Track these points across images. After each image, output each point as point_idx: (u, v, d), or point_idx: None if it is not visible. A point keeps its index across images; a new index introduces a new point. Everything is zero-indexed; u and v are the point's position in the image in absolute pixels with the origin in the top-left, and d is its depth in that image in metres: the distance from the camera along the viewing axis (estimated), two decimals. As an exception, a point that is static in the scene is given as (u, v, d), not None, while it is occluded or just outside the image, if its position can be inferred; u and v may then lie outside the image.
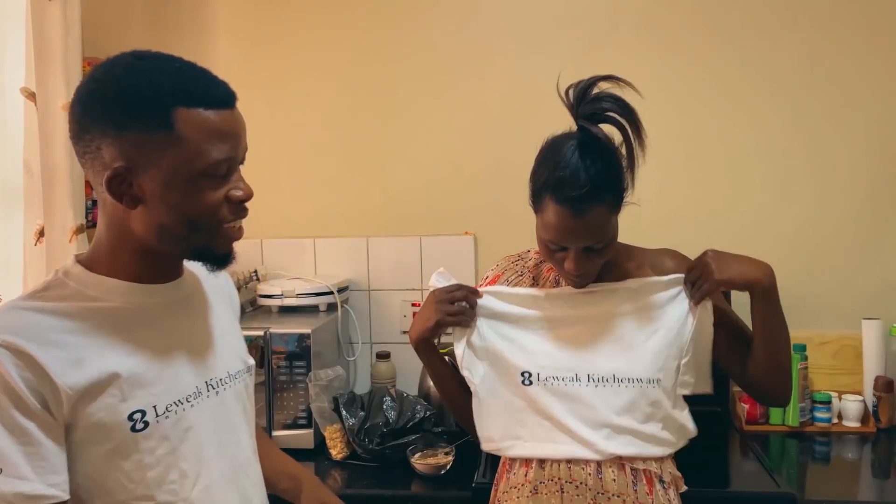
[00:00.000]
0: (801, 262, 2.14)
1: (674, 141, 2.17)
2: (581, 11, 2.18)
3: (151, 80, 0.89)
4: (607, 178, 1.19)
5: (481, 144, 2.23)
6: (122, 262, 0.95)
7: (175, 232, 0.93)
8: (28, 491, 0.83)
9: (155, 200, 0.90)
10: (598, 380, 1.26)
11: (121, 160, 0.89)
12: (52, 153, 1.99)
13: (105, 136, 0.89)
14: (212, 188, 0.92)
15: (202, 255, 0.97)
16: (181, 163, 0.89)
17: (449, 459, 1.76)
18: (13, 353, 0.84)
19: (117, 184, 0.89)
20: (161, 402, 0.94)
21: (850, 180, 2.12)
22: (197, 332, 1.04)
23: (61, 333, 0.88)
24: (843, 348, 2.12)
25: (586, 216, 1.18)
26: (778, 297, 1.25)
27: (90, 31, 2.16)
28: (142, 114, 0.88)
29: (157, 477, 0.93)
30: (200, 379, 1.00)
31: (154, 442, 0.92)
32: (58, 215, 2.02)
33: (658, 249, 1.39)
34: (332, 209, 2.31)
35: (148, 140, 0.88)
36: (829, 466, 1.88)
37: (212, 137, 0.90)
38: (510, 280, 1.42)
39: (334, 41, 2.27)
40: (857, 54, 2.09)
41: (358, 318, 2.28)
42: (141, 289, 0.97)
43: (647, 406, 1.24)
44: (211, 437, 1.00)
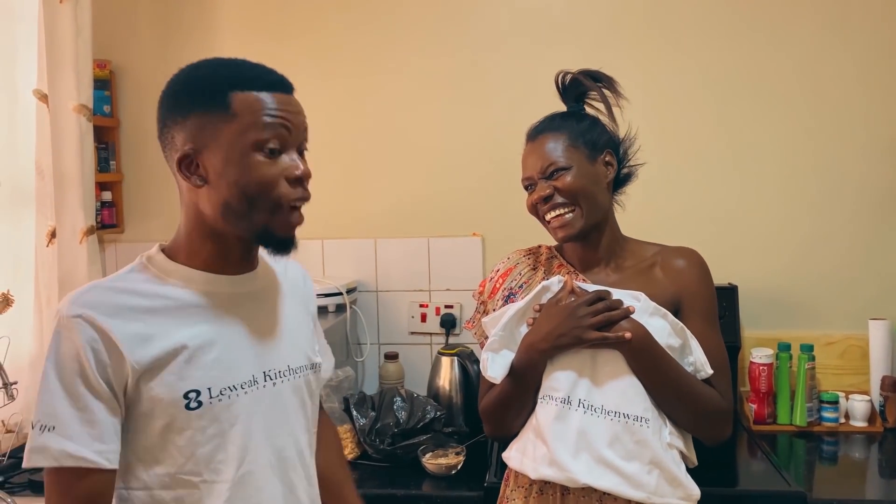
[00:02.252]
0: (808, 263, 2.15)
1: (680, 142, 2.18)
2: (586, 14, 2.19)
3: (211, 71, 1.00)
4: (567, 121, 1.36)
5: (488, 146, 2.24)
6: (196, 250, 1.02)
7: (237, 208, 0.98)
8: (73, 451, 0.90)
9: (218, 178, 0.97)
10: (587, 407, 1.25)
11: (188, 143, 0.97)
12: (64, 155, 2.01)
13: (175, 124, 0.98)
14: (266, 164, 0.98)
15: (263, 236, 1.01)
16: (235, 137, 0.96)
17: (460, 459, 1.77)
18: (89, 325, 0.92)
19: (186, 165, 0.98)
20: (216, 385, 0.98)
21: (857, 181, 2.13)
22: (262, 324, 1.07)
23: (135, 312, 0.95)
24: (849, 348, 2.13)
25: (538, 139, 1.35)
26: (650, 355, 1.24)
27: (100, 33, 2.18)
28: (202, 98, 0.97)
29: (206, 455, 0.98)
30: (258, 368, 1.04)
31: (205, 422, 0.97)
32: (68, 217, 2.04)
33: (675, 248, 1.39)
34: (341, 210, 2.32)
35: (208, 120, 0.96)
36: (837, 466, 1.89)
37: (265, 115, 0.97)
38: (522, 273, 1.43)
39: (340, 43, 2.28)
40: (868, 55, 2.10)
41: (366, 319, 2.29)
42: (213, 278, 1.03)
43: (631, 443, 1.22)
44: (261, 425, 1.03)
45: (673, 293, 1.34)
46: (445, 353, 2.08)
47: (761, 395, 2.03)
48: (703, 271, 1.36)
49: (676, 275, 1.35)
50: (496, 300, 1.42)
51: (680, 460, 1.27)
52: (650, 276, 1.36)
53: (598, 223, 1.35)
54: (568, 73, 1.41)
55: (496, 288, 1.43)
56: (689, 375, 1.28)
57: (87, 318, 0.92)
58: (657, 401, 1.26)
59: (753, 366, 2.05)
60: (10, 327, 1.82)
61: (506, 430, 1.36)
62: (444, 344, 2.21)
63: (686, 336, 1.29)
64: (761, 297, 2.15)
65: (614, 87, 1.38)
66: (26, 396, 1.82)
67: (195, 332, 0.98)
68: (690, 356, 1.29)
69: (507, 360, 1.31)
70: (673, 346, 1.28)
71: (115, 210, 2.36)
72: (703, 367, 1.29)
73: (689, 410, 1.28)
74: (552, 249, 1.45)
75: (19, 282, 1.94)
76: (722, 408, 1.30)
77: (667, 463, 1.23)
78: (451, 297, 2.28)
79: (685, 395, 1.27)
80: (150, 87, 2.42)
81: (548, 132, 1.35)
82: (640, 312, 1.27)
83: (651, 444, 1.23)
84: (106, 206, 2.32)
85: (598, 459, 1.22)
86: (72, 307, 0.93)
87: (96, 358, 0.91)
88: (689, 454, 1.30)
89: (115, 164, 2.36)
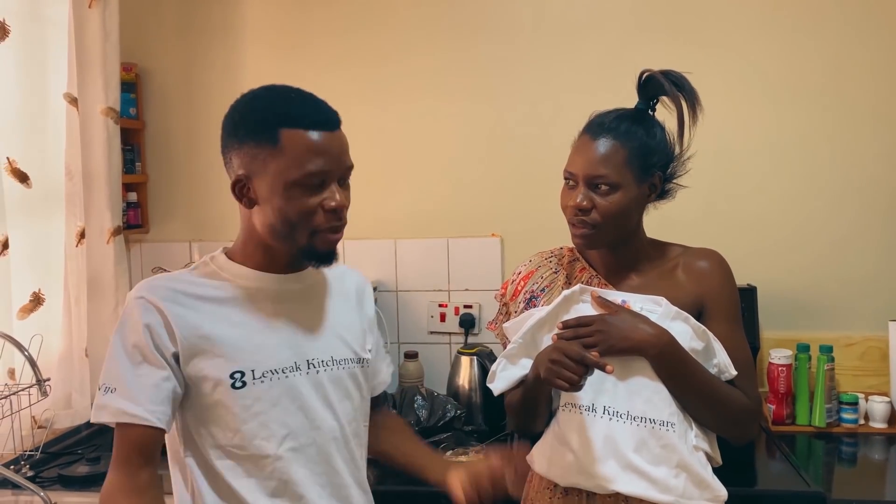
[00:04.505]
0: (828, 264, 2.16)
1: (701, 143, 2.17)
2: (606, 16, 2.21)
3: (266, 105, 1.10)
4: (635, 130, 1.30)
5: (508, 147, 2.26)
6: (250, 252, 1.16)
7: (280, 231, 1.10)
8: (129, 409, 1.04)
9: (265, 203, 1.09)
10: (612, 413, 1.27)
11: (242, 168, 1.09)
12: (92, 157, 2.06)
13: (233, 149, 1.11)
14: (306, 196, 1.08)
15: (306, 253, 1.13)
16: (281, 172, 1.07)
17: (479, 458, 1.79)
18: (148, 303, 1.07)
19: (239, 188, 1.11)
20: (259, 368, 1.11)
21: (877, 182, 2.13)
22: (306, 316, 1.18)
23: (189, 298, 1.10)
24: (869, 350, 2.13)
25: (598, 139, 1.29)
26: (676, 360, 1.25)
27: (127, 36, 2.23)
28: (255, 131, 1.08)
29: (251, 431, 1.09)
30: (301, 356, 1.15)
31: (250, 400, 1.09)
32: (96, 217, 2.09)
33: (697, 249, 1.39)
34: (361, 212, 2.32)
35: (259, 152, 1.08)
36: (856, 467, 1.90)
37: (309, 153, 1.07)
38: (544, 277, 1.44)
39: (359, 48, 2.31)
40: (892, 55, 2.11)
41: (386, 319, 2.31)
42: (263, 276, 1.15)
43: (657, 447, 1.25)
44: (302, 407, 1.13)
45: (696, 295, 1.35)
46: (465, 353, 2.10)
47: (780, 395, 2.04)
48: (726, 272, 1.37)
49: (699, 277, 1.36)
50: (518, 303, 1.44)
51: (706, 462, 1.29)
52: (673, 278, 1.37)
53: (623, 239, 1.35)
54: (649, 71, 1.36)
55: (518, 290, 1.45)
56: (714, 378, 1.30)
57: (147, 299, 1.07)
58: (683, 404, 1.28)
59: (772, 366, 2.05)
60: (40, 326, 1.87)
61: (528, 429, 1.40)
62: (462, 343, 2.24)
63: (709, 339, 1.31)
64: (781, 298, 2.15)
65: (695, 99, 1.33)
66: (56, 394, 1.86)
67: (241, 320, 1.12)
68: (714, 358, 1.31)
69: (512, 374, 1.35)
70: (696, 350, 1.29)
71: (141, 210, 2.40)
72: (727, 369, 1.31)
73: (716, 412, 1.30)
74: (574, 252, 1.46)
75: (50, 281, 1.98)
76: (748, 408, 1.32)
77: (693, 466, 1.25)
78: (470, 297, 2.30)
79: (711, 397, 1.28)
80: (175, 90, 2.49)
81: (610, 136, 1.30)
82: (662, 317, 1.29)
83: (677, 448, 1.25)
84: (132, 207, 2.36)
85: (626, 465, 1.24)
86: (138, 290, 1.09)
87: (152, 333, 1.06)
88: (714, 454, 1.32)
89: (141, 165, 2.40)
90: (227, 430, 1.09)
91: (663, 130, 1.35)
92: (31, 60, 1.92)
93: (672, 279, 1.36)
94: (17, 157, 1.84)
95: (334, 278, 1.26)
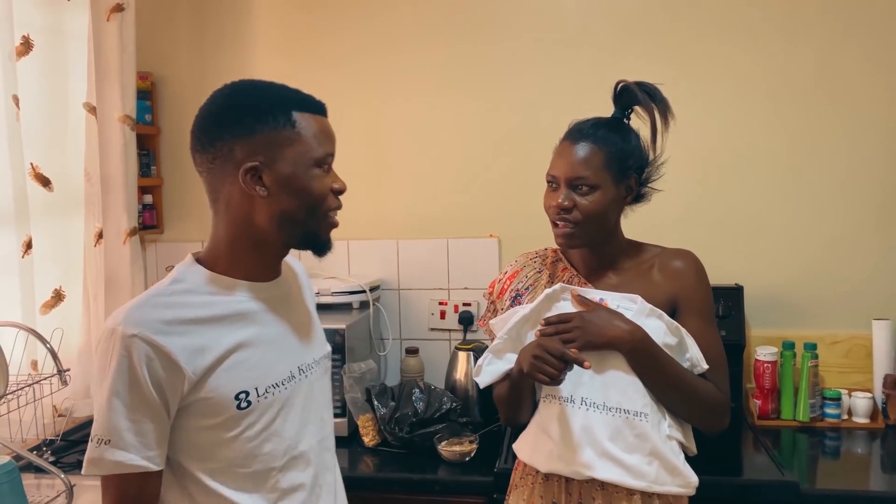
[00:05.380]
0: (815, 265, 2.22)
1: (689, 146, 2.26)
2: (599, 24, 2.29)
3: (272, 92, 1.11)
4: (611, 136, 1.39)
5: (505, 151, 2.35)
6: (239, 259, 1.12)
7: (295, 217, 1.09)
8: (125, 461, 1.00)
9: (281, 189, 1.07)
10: (589, 404, 1.35)
11: (253, 156, 1.06)
12: (110, 162, 2.17)
13: (236, 138, 1.07)
14: (322, 177, 1.10)
15: (310, 240, 1.14)
16: (301, 153, 1.08)
17: (473, 447, 1.89)
18: (147, 344, 1.00)
19: (251, 177, 1.06)
20: (262, 385, 1.09)
21: (862, 186, 2.19)
22: (293, 324, 1.19)
23: (186, 325, 1.04)
24: (854, 347, 2.19)
25: (578, 144, 1.38)
26: (649, 355, 1.33)
27: (142, 47, 2.34)
28: (270, 116, 1.07)
29: (254, 448, 1.08)
30: (294, 365, 1.16)
31: (254, 418, 1.08)
32: (113, 219, 2.20)
33: (673, 249, 1.47)
34: (365, 213, 2.45)
35: (276, 137, 1.07)
36: (836, 459, 1.96)
37: (320, 135, 1.10)
38: (528, 276, 1.52)
39: (363, 57, 2.41)
40: (876, 60, 2.16)
41: (389, 316, 2.41)
42: (253, 286, 1.13)
43: (631, 436, 1.32)
44: (300, 414, 1.15)
45: (671, 293, 1.42)
46: (462, 349, 2.20)
47: (765, 391, 2.11)
48: (699, 272, 1.44)
49: (673, 275, 1.43)
50: (504, 300, 1.53)
51: (679, 450, 1.37)
52: (649, 277, 1.44)
53: (603, 239, 1.43)
54: (624, 82, 1.44)
55: (504, 289, 1.54)
56: (687, 372, 1.37)
57: (143, 337, 1.00)
58: (657, 396, 1.36)
59: (758, 363, 2.12)
60: (61, 320, 1.98)
61: (514, 420, 1.49)
62: (461, 340, 2.33)
63: (682, 334, 1.38)
64: (767, 297, 2.22)
65: (668, 110, 1.40)
66: (75, 384, 1.97)
67: (243, 337, 1.08)
68: (687, 353, 1.38)
69: (497, 367, 1.43)
70: (670, 345, 1.37)
71: (156, 212, 2.52)
72: (699, 363, 1.38)
73: (688, 404, 1.38)
74: (558, 252, 1.54)
75: (70, 279, 2.09)
76: (719, 400, 1.40)
77: (666, 454, 1.33)
78: (469, 295, 2.39)
79: (683, 390, 1.36)
80: (189, 97, 2.60)
81: (589, 141, 1.38)
82: (637, 314, 1.37)
83: (651, 437, 1.33)
84: (147, 209, 2.47)
85: (602, 453, 1.33)
86: (127, 327, 1.00)
87: (151, 374, 1.00)
88: (689, 444, 1.40)
89: (156, 169, 2.51)
90: (230, 450, 1.07)
91: (637, 137, 1.43)
92: (53, 72, 2.04)
93: (648, 278, 1.44)
94: (40, 163, 1.96)
95: (296, 272, 1.27)
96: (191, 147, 1.12)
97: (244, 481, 1.09)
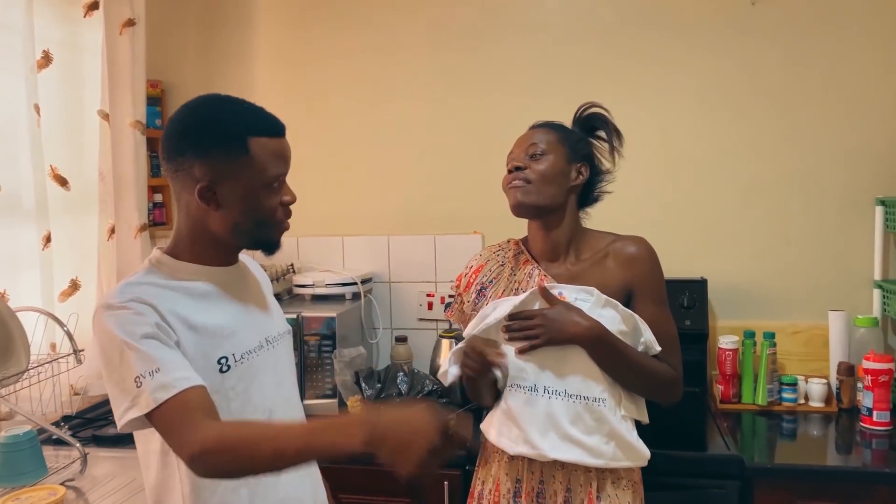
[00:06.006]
0: (776, 260, 2.37)
1: (660, 149, 2.41)
2: (578, 34, 2.44)
3: (229, 116, 1.18)
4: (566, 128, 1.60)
5: (488, 154, 2.48)
6: (200, 251, 1.25)
7: (245, 228, 1.22)
8: (186, 375, 1.10)
9: (233, 205, 1.19)
10: (552, 392, 1.46)
11: (208, 176, 1.17)
12: (121, 164, 2.36)
13: (195, 158, 1.17)
14: (272, 195, 1.21)
15: (262, 244, 1.27)
16: (253, 177, 1.18)
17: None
18: (142, 303, 1.13)
19: (206, 193, 1.17)
20: (237, 351, 1.22)
21: (819, 186, 2.33)
22: (255, 302, 1.33)
23: (169, 302, 1.17)
24: (813, 337, 2.33)
25: (534, 130, 1.59)
26: (606, 346, 1.45)
27: (152, 57, 2.53)
28: (223, 142, 1.17)
29: (238, 408, 1.21)
30: (261, 336, 1.29)
31: (234, 381, 1.21)
32: (125, 216, 2.38)
33: (626, 237, 1.58)
34: (358, 211, 2.63)
35: (229, 161, 1.17)
36: (790, 440, 2.09)
37: (274, 158, 1.19)
38: (492, 270, 1.65)
39: (359, 68, 2.58)
40: (828, 75, 2.31)
41: (380, 306, 2.59)
42: (217, 270, 1.26)
43: (591, 420, 1.44)
44: (272, 378, 1.29)
45: (625, 280, 1.54)
46: (445, 336, 2.36)
47: (727, 377, 2.25)
48: (652, 258, 1.55)
49: (627, 262, 1.54)
50: (470, 293, 1.65)
51: (632, 427, 1.50)
52: (604, 265, 1.55)
53: (551, 212, 1.55)
54: (595, 107, 1.62)
55: (470, 283, 1.66)
56: (641, 355, 1.50)
57: (137, 299, 1.12)
58: (616, 380, 1.48)
59: (721, 351, 2.26)
60: (77, 307, 2.17)
61: (481, 404, 1.61)
62: (447, 328, 2.49)
63: (635, 321, 1.51)
64: (731, 290, 2.37)
65: (620, 140, 1.61)
66: (89, 365, 2.16)
67: (214, 312, 1.21)
68: (641, 337, 1.51)
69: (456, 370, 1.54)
70: (625, 332, 1.49)
71: (165, 210, 2.71)
72: (652, 346, 1.51)
73: (643, 383, 1.52)
74: (520, 244, 1.66)
75: (85, 270, 2.29)
76: (671, 378, 1.53)
77: (622, 433, 1.46)
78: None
79: (639, 373, 1.49)
80: None
81: (545, 127, 1.59)
82: (593, 306, 1.48)
83: (608, 420, 1.45)
84: (157, 207, 2.66)
85: (564, 436, 1.44)
86: (119, 299, 1.12)
87: (157, 321, 1.12)
88: (641, 416, 1.53)
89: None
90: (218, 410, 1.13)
91: (586, 138, 1.61)
92: (70, 82, 2.23)
93: (603, 266, 1.55)
94: (59, 165, 2.15)
95: (249, 265, 1.41)
96: (159, 154, 1.25)
97: None
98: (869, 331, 2.20)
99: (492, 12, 2.49)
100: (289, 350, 1.40)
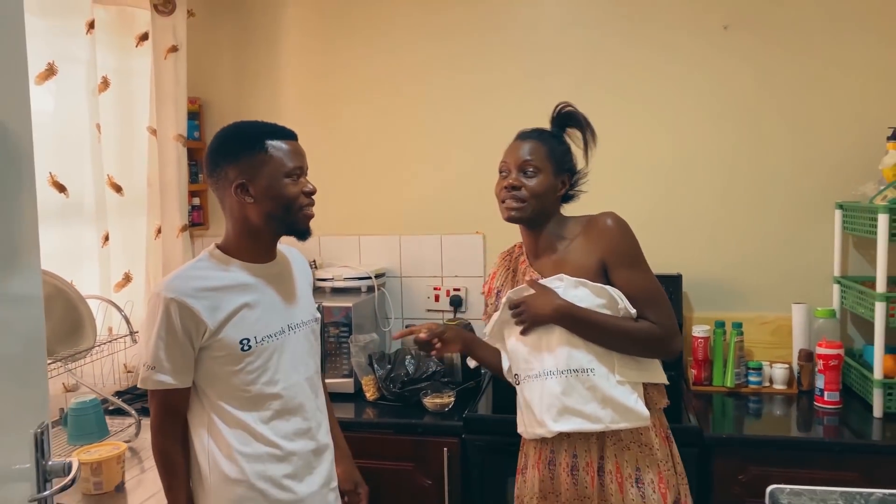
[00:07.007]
0: (746, 258, 2.61)
1: (638, 152, 2.67)
2: (568, 52, 2.70)
3: (249, 128, 1.50)
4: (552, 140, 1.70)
5: (491, 159, 2.72)
6: (242, 246, 1.52)
7: (276, 214, 1.47)
8: (163, 380, 1.44)
9: (263, 196, 1.47)
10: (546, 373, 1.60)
11: (241, 175, 1.46)
12: (166, 172, 2.68)
13: (229, 164, 1.47)
14: (293, 185, 1.48)
15: (291, 229, 1.51)
16: (275, 169, 1.47)
17: (451, 400, 2.34)
18: (180, 305, 1.43)
19: (240, 191, 1.46)
20: (259, 335, 1.49)
21: (786, 196, 2.58)
22: (284, 293, 1.56)
23: (206, 291, 1.45)
24: (779, 327, 2.58)
25: (526, 140, 1.69)
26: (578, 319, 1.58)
27: (192, 76, 2.83)
28: (247, 145, 1.46)
29: (254, 379, 1.48)
30: (285, 323, 1.54)
31: (253, 358, 1.48)
32: (169, 218, 2.71)
33: (595, 215, 1.67)
34: (373, 213, 2.92)
35: (254, 160, 1.46)
36: (753, 416, 2.33)
37: (289, 154, 1.47)
38: (502, 276, 1.82)
39: (374, 87, 2.86)
40: (794, 85, 2.54)
41: (392, 299, 2.87)
42: (253, 266, 1.53)
43: (583, 389, 1.57)
44: (290, 359, 1.54)
45: (599, 254, 1.63)
46: (450, 325, 2.65)
47: (699, 362, 2.52)
48: (618, 226, 1.63)
49: (596, 238, 1.64)
50: (491, 297, 1.83)
51: (631, 391, 1.58)
52: (579, 247, 1.66)
53: (542, 219, 1.68)
54: (570, 107, 1.74)
55: (490, 289, 1.84)
56: (619, 320, 1.59)
57: (177, 300, 1.41)
58: (604, 346, 1.59)
59: (694, 339, 2.53)
60: (130, 296, 2.50)
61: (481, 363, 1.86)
62: (452, 318, 2.79)
63: (608, 292, 1.60)
64: (705, 284, 2.63)
65: (594, 134, 1.72)
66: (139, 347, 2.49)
67: (246, 301, 1.47)
68: (619, 304, 1.60)
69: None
70: (602, 304, 1.60)
71: (203, 212, 3.01)
72: (628, 310, 1.60)
73: (630, 345, 1.61)
74: (521, 247, 1.83)
75: (136, 264, 2.61)
76: (656, 334, 1.60)
77: (617, 398, 1.56)
78: (459, 282, 2.84)
79: (620, 336, 1.59)
80: (230, 117, 3.04)
81: (535, 139, 1.67)
82: (566, 288, 1.63)
83: (600, 387, 1.57)
84: (196, 209, 2.97)
85: (562, 409, 1.58)
86: (167, 292, 1.42)
87: (183, 324, 1.41)
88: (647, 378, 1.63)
89: (203, 177, 2.98)
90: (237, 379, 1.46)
91: (569, 147, 1.74)
92: (124, 103, 2.56)
93: (579, 248, 1.66)
94: (115, 174, 2.48)
95: (291, 258, 1.64)
96: (203, 173, 1.56)
97: (245, 403, 1.47)
98: (827, 321, 2.44)
99: (498, 32, 2.75)
100: (309, 335, 1.62)
